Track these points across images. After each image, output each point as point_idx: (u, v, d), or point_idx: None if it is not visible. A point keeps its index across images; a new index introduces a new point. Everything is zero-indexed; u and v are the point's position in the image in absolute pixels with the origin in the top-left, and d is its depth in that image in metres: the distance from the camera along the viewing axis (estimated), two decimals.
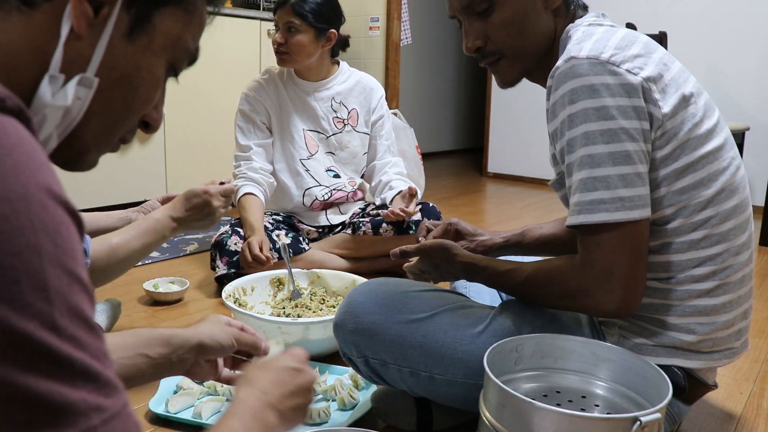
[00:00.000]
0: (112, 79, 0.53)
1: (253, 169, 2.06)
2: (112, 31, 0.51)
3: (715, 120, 0.97)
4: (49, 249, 0.36)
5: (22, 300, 0.34)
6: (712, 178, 0.94)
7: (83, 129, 0.53)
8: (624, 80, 0.89)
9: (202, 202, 1.36)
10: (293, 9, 1.99)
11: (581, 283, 0.92)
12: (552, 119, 0.96)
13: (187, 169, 3.05)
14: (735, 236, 0.96)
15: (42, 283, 0.36)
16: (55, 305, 0.36)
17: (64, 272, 0.37)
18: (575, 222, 0.91)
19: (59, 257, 0.37)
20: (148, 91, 0.56)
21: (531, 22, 1.01)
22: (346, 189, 2.19)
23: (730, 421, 1.27)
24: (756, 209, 2.95)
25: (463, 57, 6.17)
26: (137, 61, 0.54)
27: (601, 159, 0.88)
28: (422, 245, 1.14)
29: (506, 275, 1.04)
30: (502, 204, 3.77)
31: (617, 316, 0.93)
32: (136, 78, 0.54)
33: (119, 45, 0.52)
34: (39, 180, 0.37)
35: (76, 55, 0.50)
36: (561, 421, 0.77)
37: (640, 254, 0.90)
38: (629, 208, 0.88)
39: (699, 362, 0.99)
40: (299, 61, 2.06)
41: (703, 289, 0.96)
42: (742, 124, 3.40)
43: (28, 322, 0.34)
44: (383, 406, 1.17)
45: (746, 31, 3.56)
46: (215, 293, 1.94)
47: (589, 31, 0.96)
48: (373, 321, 1.05)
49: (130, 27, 0.52)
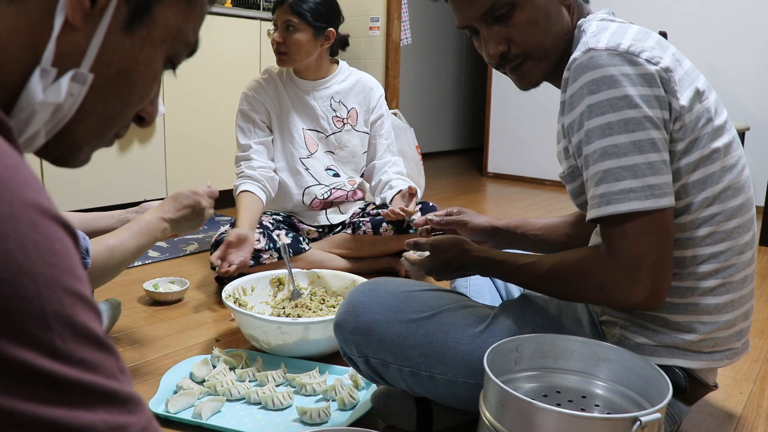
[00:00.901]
0: (109, 74, 0.50)
1: (252, 168, 2.06)
2: (109, 22, 0.48)
3: (725, 117, 0.97)
4: (44, 271, 0.34)
5: (18, 330, 0.32)
6: (720, 174, 0.94)
7: (75, 126, 0.50)
8: (644, 70, 0.88)
9: (192, 202, 1.37)
10: (291, 8, 1.99)
11: (608, 275, 0.89)
12: (569, 111, 0.94)
13: (187, 169, 3.05)
14: (739, 235, 0.96)
15: (39, 310, 0.33)
16: (54, 331, 0.34)
17: (64, 293, 0.35)
18: (603, 213, 0.89)
19: (57, 278, 0.34)
20: (145, 85, 0.53)
21: (553, 19, 1.00)
22: (346, 188, 2.19)
23: (730, 421, 1.27)
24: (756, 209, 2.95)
25: (463, 57, 6.17)
26: (135, 54, 0.51)
27: (627, 148, 0.87)
28: (436, 239, 1.13)
29: (526, 269, 1.01)
30: (502, 204, 3.77)
31: (647, 307, 0.90)
32: (133, 73, 0.51)
33: (116, 38, 0.49)
34: (25, 197, 0.34)
35: (70, 49, 0.47)
36: (561, 421, 0.77)
37: (668, 242, 0.88)
38: (658, 195, 0.87)
39: (700, 362, 0.99)
40: (298, 60, 2.06)
41: (707, 287, 0.96)
42: (742, 124, 3.39)
43: (26, 352, 0.32)
44: (383, 406, 1.17)
45: (746, 31, 3.56)
46: (215, 293, 1.94)
47: (603, 25, 0.96)
48: (374, 320, 1.05)
49: (128, 19, 0.49)
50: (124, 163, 2.81)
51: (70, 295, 0.35)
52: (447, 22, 5.87)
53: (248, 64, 3.22)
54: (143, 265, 2.22)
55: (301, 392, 1.29)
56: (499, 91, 4.62)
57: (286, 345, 1.41)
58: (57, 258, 0.35)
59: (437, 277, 1.13)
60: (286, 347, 1.42)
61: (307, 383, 1.29)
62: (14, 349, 0.32)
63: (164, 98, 2.88)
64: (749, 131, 3.45)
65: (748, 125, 3.44)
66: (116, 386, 0.36)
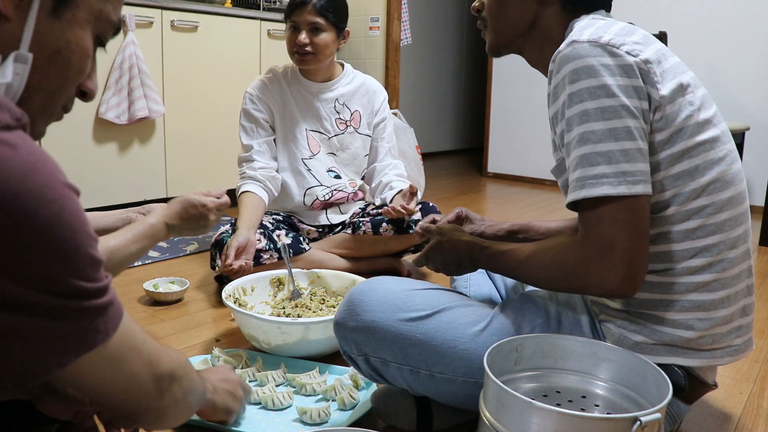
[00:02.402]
0: (45, 54, 0.58)
1: (253, 169, 2.06)
2: (38, 10, 0.56)
3: (712, 112, 0.98)
4: (80, 227, 0.53)
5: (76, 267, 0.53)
6: (707, 167, 0.95)
7: (26, 103, 0.58)
8: (623, 61, 0.91)
9: (198, 214, 1.37)
10: (317, 9, 1.98)
11: (582, 260, 0.91)
12: (553, 102, 0.98)
13: (187, 169, 3.05)
14: (730, 228, 0.97)
15: (85, 254, 0.54)
16: (87, 264, 0.54)
17: (89, 238, 0.54)
18: (576, 197, 0.91)
19: (86, 230, 0.54)
20: (79, 62, 0.62)
21: (512, 3, 1.08)
22: (347, 190, 2.19)
23: (730, 421, 1.27)
24: (756, 209, 2.94)
25: (463, 57, 6.17)
26: (66, 35, 0.59)
27: (602, 135, 0.89)
28: (440, 225, 1.19)
29: (506, 255, 1.04)
30: (502, 204, 3.77)
31: (620, 294, 0.91)
32: (66, 51, 0.60)
33: (46, 22, 0.57)
34: (57, 176, 0.51)
35: (8, 36, 0.55)
36: (561, 421, 0.77)
37: (641, 230, 0.89)
38: (631, 182, 0.88)
39: (700, 360, 0.99)
40: (323, 60, 2.06)
41: (700, 282, 0.96)
42: (742, 124, 3.39)
43: (78, 280, 0.53)
44: (383, 406, 1.17)
45: (746, 31, 3.56)
46: (215, 293, 1.94)
47: (591, 21, 1.00)
48: (374, 319, 1.05)
49: (54, 4, 0.57)
50: (124, 163, 2.81)
51: (91, 239, 0.55)
52: (447, 22, 5.87)
53: (248, 64, 3.22)
54: (143, 265, 2.22)
55: (301, 392, 1.29)
56: (499, 91, 4.62)
57: (286, 345, 1.42)
58: (83, 216, 0.53)
59: (432, 264, 1.16)
60: (286, 347, 1.42)
61: (307, 383, 1.29)
62: (71, 280, 0.53)
63: (164, 98, 2.88)
64: (749, 131, 3.45)
65: (748, 125, 3.44)
66: (107, 282, 0.58)
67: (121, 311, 0.61)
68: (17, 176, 0.47)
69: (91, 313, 0.55)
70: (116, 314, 0.59)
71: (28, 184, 0.48)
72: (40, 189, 0.49)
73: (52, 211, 0.49)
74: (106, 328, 0.58)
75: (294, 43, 2.02)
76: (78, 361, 0.56)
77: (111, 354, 0.60)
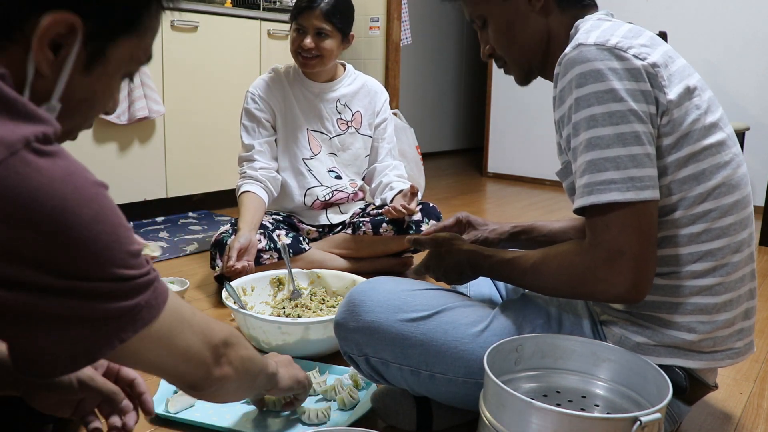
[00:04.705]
0: (72, 104, 0.63)
1: (254, 168, 2.06)
2: (71, 68, 0.60)
3: (718, 115, 0.97)
4: (117, 221, 0.58)
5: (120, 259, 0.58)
6: (713, 171, 0.94)
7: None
8: (631, 65, 0.90)
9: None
10: (324, 14, 1.98)
11: (590, 266, 0.90)
12: (559, 105, 0.97)
13: (187, 169, 3.05)
14: (735, 232, 0.96)
15: (124, 250, 0.58)
16: (125, 255, 0.58)
17: (126, 230, 0.59)
18: (585, 203, 0.90)
19: (123, 224, 0.59)
20: (104, 103, 0.67)
21: (519, 28, 1.06)
22: (347, 190, 2.19)
23: (730, 421, 1.27)
24: (756, 209, 2.95)
25: (463, 57, 6.17)
26: (94, 87, 0.64)
27: (610, 140, 0.89)
28: (434, 235, 1.17)
29: (511, 263, 1.02)
30: (502, 204, 3.77)
31: (628, 300, 0.91)
32: (92, 99, 0.65)
33: (77, 77, 0.61)
34: (90, 177, 0.57)
35: (41, 91, 0.60)
36: (561, 421, 0.77)
37: (649, 235, 0.89)
38: (640, 188, 0.88)
39: (700, 362, 0.99)
40: (327, 64, 2.07)
41: (704, 286, 0.96)
42: (742, 124, 3.39)
43: (119, 269, 0.58)
44: (383, 406, 1.17)
45: (746, 31, 3.56)
46: (215, 293, 1.94)
47: (597, 23, 0.98)
48: (374, 319, 1.05)
49: (87, 62, 0.61)
50: (124, 163, 2.81)
51: (129, 231, 0.60)
52: (447, 22, 5.87)
53: (248, 64, 3.22)
54: None
55: None
56: (499, 91, 4.62)
57: (286, 345, 1.42)
58: (117, 210, 0.59)
59: (433, 274, 1.15)
60: (286, 347, 1.42)
61: None
62: (117, 270, 0.58)
63: (164, 98, 2.88)
64: (749, 131, 3.45)
65: (748, 125, 3.44)
66: (148, 268, 0.62)
67: (166, 289, 0.66)
68: (59, 182, 0.53)
69: (139, 291, 0.60)
70: (162, 291, 0.65)
71: (69, 187, 0.54)
72: (80, 191, 0.54)
73: (92, 208, 0.55)
74: (157, 303, 0.63)
75: (299, 45, 2.03)
76: (136, 337, 0.61)
77: (164, 328, 0.65)
